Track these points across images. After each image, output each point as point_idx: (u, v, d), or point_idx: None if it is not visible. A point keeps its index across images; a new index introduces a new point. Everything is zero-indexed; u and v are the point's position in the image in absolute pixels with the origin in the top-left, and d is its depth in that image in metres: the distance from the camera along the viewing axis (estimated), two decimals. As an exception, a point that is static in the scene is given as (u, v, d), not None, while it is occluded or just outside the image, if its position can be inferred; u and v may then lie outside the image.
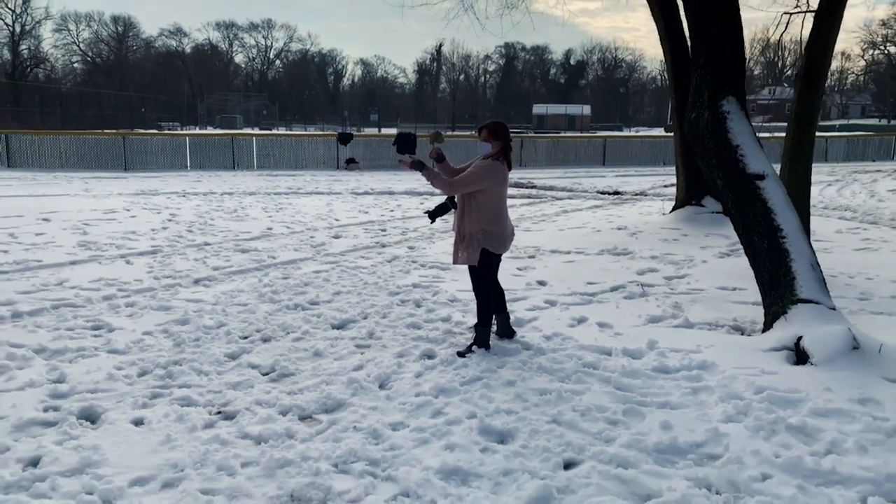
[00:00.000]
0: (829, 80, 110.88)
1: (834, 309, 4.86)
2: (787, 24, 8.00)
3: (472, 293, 5.05)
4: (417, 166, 4.79)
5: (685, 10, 5.67)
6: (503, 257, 5.08)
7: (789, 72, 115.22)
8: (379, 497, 3.02)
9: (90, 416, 3.81)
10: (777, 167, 5.89)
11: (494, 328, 5.10)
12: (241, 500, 3.00)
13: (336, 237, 9.73)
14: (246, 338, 5.20)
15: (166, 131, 53.16)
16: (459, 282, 6.85)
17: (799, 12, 7.44)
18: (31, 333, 5.19)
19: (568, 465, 3.30)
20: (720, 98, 5.33)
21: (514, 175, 20.25)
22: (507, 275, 7.20)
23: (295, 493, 3.07)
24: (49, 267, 7.39)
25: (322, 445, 3.47)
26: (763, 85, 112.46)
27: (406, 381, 4.33)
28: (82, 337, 5.13)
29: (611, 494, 2.99)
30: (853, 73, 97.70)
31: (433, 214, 5.25)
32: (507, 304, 5.47)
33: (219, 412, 3.91)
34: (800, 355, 4.47)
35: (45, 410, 3.85)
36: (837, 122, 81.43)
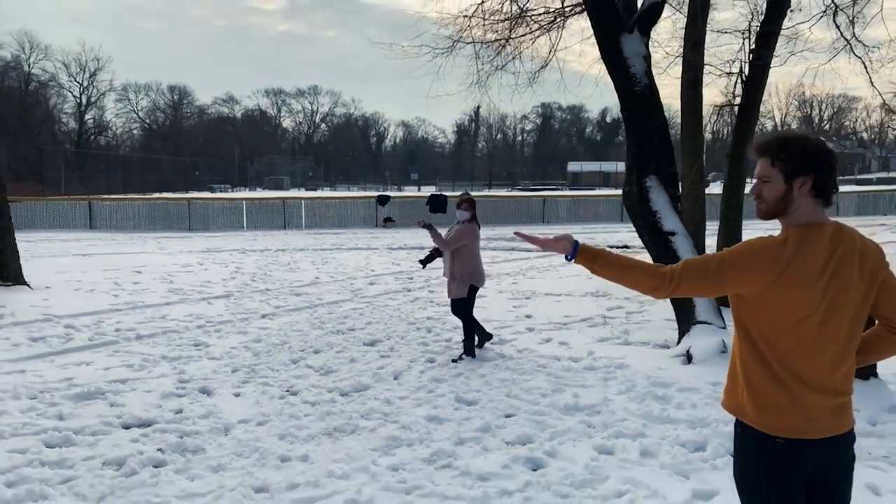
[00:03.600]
0: (868, 134, 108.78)
1: (724, 328, 6.72)
2: (718, 114, 9.99)
3: (466, 327, 7.00)
4: (428, 227, 6.90)
5: (621, 112, 7.75)
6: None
7: (827, 126, 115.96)
8: (388, 429, 4.99)
9: (206, 391, 5.90)
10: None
11: (477, 341, 7.08)
12: (304, 430, 5.00)
13: (371, 284, 11.87)
14: (303, 351, 7.28)
15: (218, 193, 57.06)
16: (464, 315, 8.87)
17: (726, 105, 9.45)
18: (154, 348, 7.36)
19: (507, 416, 5.23)
20: (645, 177, 7.34)
21: (536, 231, 22.27)
22: (503, 310, 9.23)
23: (336, 427, 5.07)
24: (151, 307, 9.65)
25: (354, 406, 5.48)
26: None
27: (413, 375, 6.34)
28: (189, 350, 7.28)
29: (526, 428, 4.92)
30: (891, 127, 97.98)
31: (424, 262, 7.32)
32: (497, 332, 7.45)
33: (287, 391, 5.96)
34: (689, 358, 6.34)
35: (177, 389, 5.95)
36: (875, 175, 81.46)
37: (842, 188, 36.26)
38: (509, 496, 3.87)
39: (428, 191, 52.18)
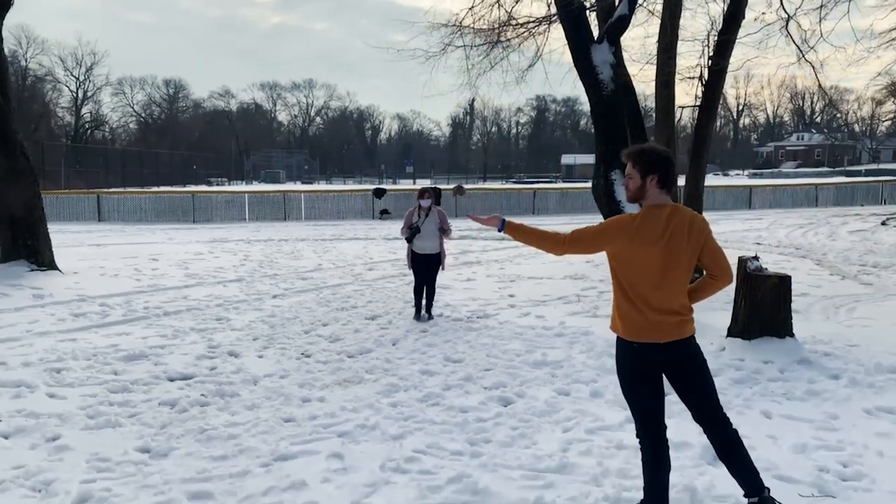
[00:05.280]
0: (859, 126, 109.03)
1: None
2: (681, 114, 11.05)
3: (435, 291, 8.59)
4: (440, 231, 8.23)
5: (591, 114, 8.81)
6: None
7: (818, 118, 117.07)
8: (388, 380, 6.06)
9: (234, 354, 6.96)
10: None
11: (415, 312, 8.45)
12: (319, 381, 6.06)
13: (370, 269, 12.94)
14: (312, 324, 8.35)
15: (215, 187, 57.88)
16: (456, 294, 9.96)
17: (689, 106, 10.53)
18: (182, 322, 8.42)
19: (487, 370, 6.31)
20: (610, 172, 8.41)
21: (527, 220, 23.37)
22: (489, 291, 10.32)
23: (346, 379, 6.14)
24: (173, 289, 10.70)
25: (359, 364, 6.55)
26: (793, 131, 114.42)
27: (409, 342, 7.42)
28: (213, 323, 8.34)
29: (501, 377, 6.00)
30: (878, 118, 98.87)
31: (411, 238, 8.40)
32: (482, 308, 8.60)
33: (303, 354, 7.02)
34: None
35: (209, 352, 7.01)
36: (864, 167, 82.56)
37: (821, 180, 37.41)
38: (483, 422, 4.96)
39: (422, 184, 53.20)
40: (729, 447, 3.27)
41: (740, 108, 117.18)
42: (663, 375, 3.28)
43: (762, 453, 4.15)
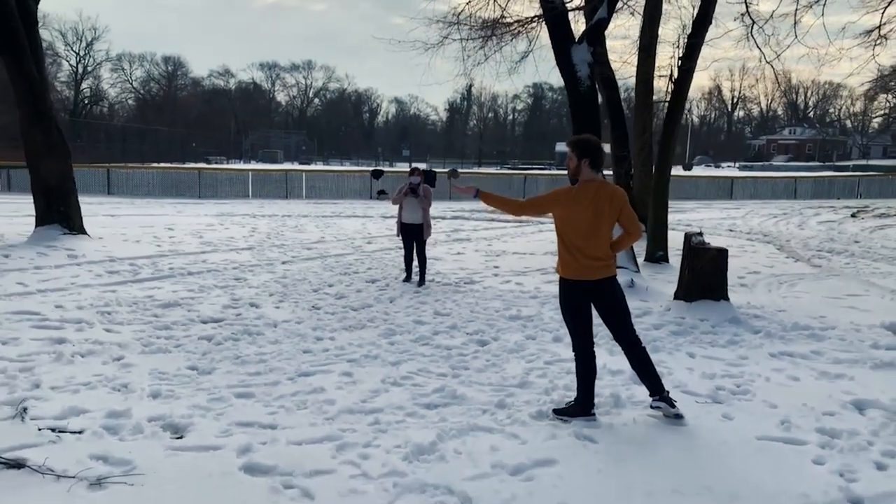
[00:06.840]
0: (851, 122, 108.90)
1: (637, 271, 9.02)
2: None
3: (426, 261, 9.76)
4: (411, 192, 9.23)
5: (569, 107, 9.95)
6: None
7: (812, 112, 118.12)
8: (388, 326, 7.24)
9: (255, 305, 8.14)
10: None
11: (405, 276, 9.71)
12: (329, 326, 7.24)
13: (369, 243, 14.11)
14: (320, 284, 9.52)
15: (214, 165, 58.79)
16: (446, 265, 11.14)
17: (660, 102, 11.68)
18: (205, 280, 9.58)
19: (470, 321, 7.50)
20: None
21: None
22: (476, 263, 11.50)
23: (351, 326, 7.33)
24: (191, 254, 11.84)
25: (362, 315, 7.74)
26: (786, 125, 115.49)
27: (404, 300, 8.61)
28: (232, 282, 9.50)
29: (481, 326, 7.19)
30: (869, 115, 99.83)
31: (416, 186, 9.55)
32: (469, 276, 9.77)
33: (313, 307, 8.20)
34: (606, 291, 8.65)
35: (233, 303, 8.18)
36: (853, 163, 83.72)
37: (799, 174, 38.65)
38: (464, 356, 6.16)
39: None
40: (638, 359, 4.47)
41: (735, 100, 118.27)
42: (591, 305, 4.47)
43: (677, 377, 5.37)
